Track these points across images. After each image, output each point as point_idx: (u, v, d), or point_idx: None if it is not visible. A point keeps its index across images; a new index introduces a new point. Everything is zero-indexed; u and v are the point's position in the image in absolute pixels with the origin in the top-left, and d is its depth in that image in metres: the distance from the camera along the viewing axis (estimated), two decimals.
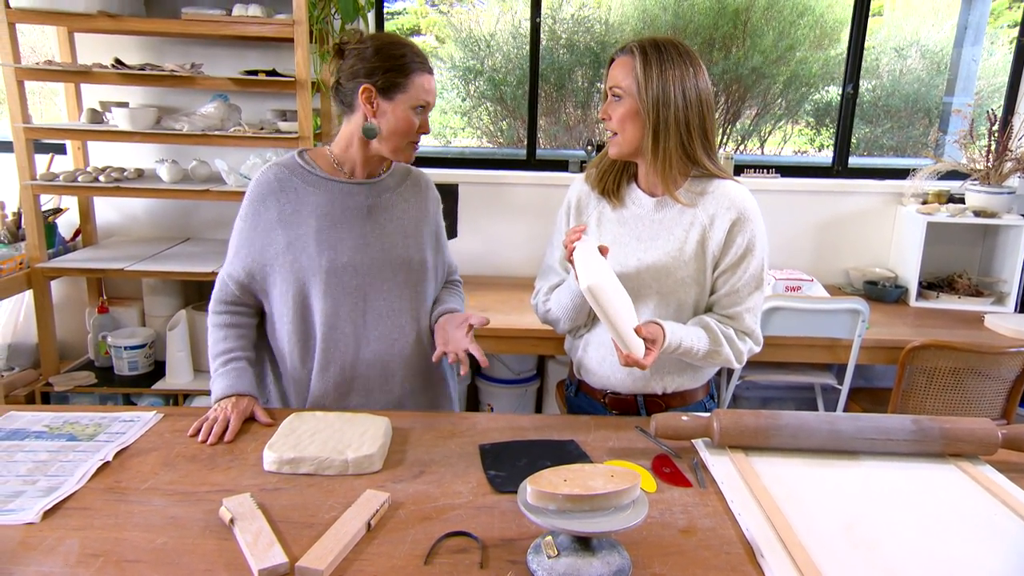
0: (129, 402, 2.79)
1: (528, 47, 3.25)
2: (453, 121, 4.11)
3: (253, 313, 1.62)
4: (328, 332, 1.55)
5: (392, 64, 1.46)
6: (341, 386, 1.58)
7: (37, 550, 1.03)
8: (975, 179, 3.06)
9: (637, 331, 1.37)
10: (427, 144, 4.04)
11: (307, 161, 1.57)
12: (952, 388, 2.44)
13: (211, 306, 1.60)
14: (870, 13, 3.19)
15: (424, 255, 1.62)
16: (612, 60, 1.50)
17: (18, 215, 2.85)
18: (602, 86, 1.56)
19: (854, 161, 3.40)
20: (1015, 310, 2.97)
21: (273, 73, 2.64)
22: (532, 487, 0.98)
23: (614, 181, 1.58)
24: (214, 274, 2.62)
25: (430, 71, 1.51)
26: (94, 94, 2.99)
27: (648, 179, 1.55)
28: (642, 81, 1.41)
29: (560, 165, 3.35)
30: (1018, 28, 3.23)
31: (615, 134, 1.48)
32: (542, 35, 3.27)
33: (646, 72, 1.41)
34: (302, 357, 1.58)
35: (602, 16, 3.92)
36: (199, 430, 1.39)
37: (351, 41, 1.50)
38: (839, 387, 2.65)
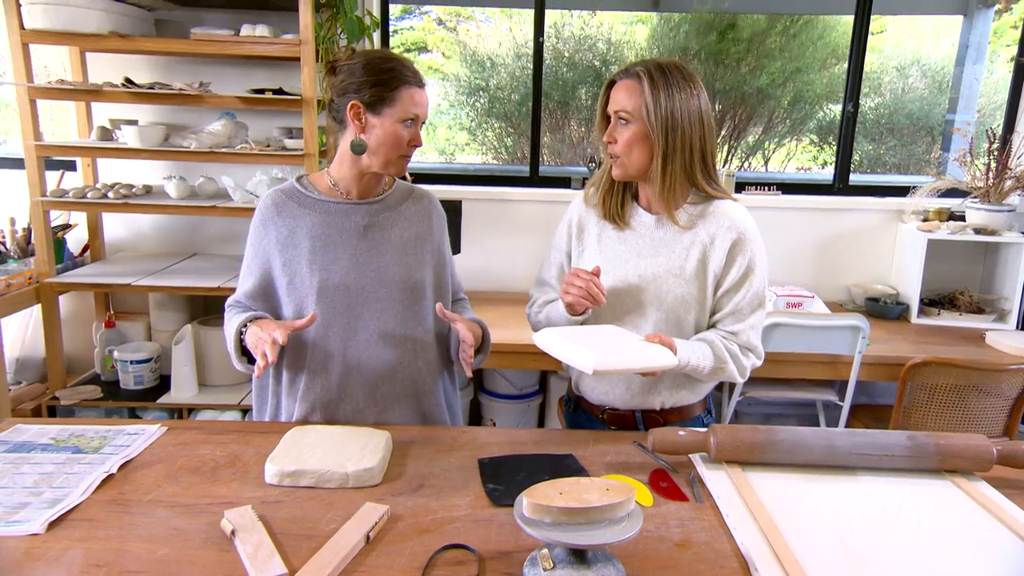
0: (134, 416, 2.81)
1: (531, 66, 3.30)
2: (459, 137, 4.15)
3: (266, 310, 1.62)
4: (316, 351, 1.56)
5: (379, 78, 1.47)
6: (328, 405, 1.58)
7: (42, 560, 1.05)
8: (975, 197, 3.08)
9: (649, 339, 1.40)
10: (431, 161, 4.08)
11: (304, 185, 1.60)
12: (954, 405, 2.44)
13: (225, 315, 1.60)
14: (872, 32, 3.22)
15: (423, 274, 1.62)
16: (612, 83, 1.51)
17: (28, 231, 2.89)
18: (597, 107, 1.56)
19: (855, 178, 3.43)
20: (1016, 327, 2.97)
21: (280, 91, 2.68)
22: (528, 500, 0.99)
23: (617, 203, 1.59)
24: (220, 289, 2.66)
25: (420, 85, 1.50)
26: (104, 112, 3.05)
27: (649, 198, 1.57)
28: (650, 105, 1.42)
29: (563, 182, 3.39)
30: (1017, 47, 3.25)
31: (618, 157, 1.50)
32: (546, 54, 3.31)
33: (654, 96, 1.42)
34: (295, 374, 1.59)
35: (604, 34, 3.97)
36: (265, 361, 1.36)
37: (343, 59, 1.52)
38: (840, 404, 2.65)
